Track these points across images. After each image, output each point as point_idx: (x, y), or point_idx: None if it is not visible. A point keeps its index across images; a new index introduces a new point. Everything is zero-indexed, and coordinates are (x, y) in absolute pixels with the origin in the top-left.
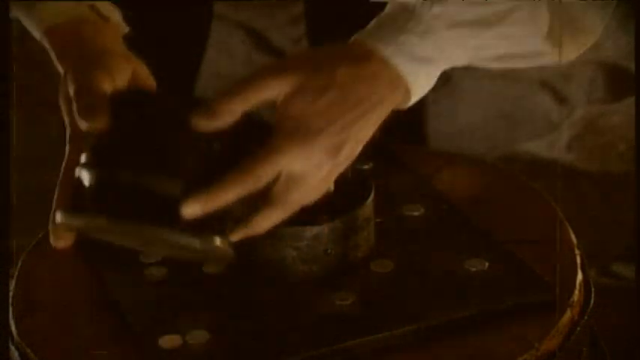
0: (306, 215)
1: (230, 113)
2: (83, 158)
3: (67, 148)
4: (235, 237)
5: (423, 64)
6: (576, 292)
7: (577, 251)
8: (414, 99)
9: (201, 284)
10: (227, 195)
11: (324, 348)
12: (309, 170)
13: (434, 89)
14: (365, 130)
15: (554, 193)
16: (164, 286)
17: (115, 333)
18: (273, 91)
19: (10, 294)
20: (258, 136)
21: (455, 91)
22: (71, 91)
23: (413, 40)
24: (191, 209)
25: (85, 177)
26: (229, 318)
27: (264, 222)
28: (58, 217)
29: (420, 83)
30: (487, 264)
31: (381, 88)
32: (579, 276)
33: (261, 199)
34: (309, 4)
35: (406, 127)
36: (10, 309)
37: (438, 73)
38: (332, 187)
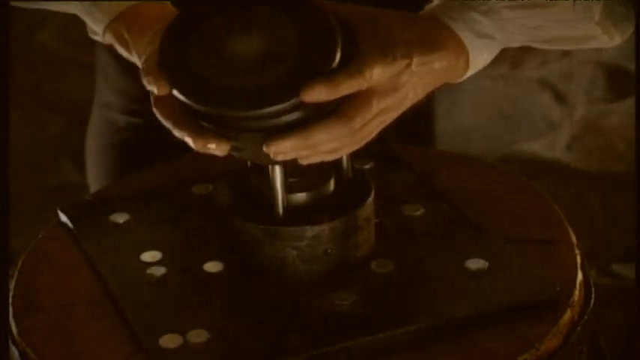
0: (306, 215)
1: None
2: None
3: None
4: (288, 137)
5: (485, 41)
6: (576, 292)
7: (577, 251)
8: (469, 73)
9: (201, 284)
10: (340, 88)
11: (324, 348)
12: (384, 88)
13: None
14: (422, 85)
15: (554, 193)
16: (164, 286)
17: (115, 333)
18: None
19: (10, 294)
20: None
21: (455, 91)
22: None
23: (477, 18)
24: (310, 93)
25: None
26: (229, 318)
27: (323, 131)
28: None
29: (478, 59)
30: (487, 264)
31: (449, 55)
32: (579, 276)
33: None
34: None
35: (414, 127)
36: (10, 309)
37: (496, 52)
38: (332, 187)
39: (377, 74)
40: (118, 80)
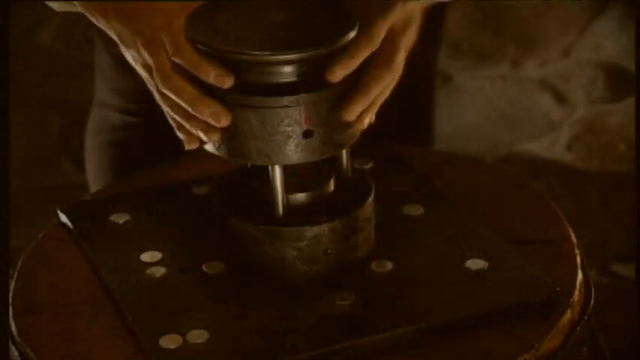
0: (306, 215)
1: None
2: None
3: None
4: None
5: None
6: (576, 292)
7: (577, 251)
8: None
9: (201, 284)
10: (357, 57)
11: (324, 348)
12: (400, 26)
13: None
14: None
15: (554, 193)
16: (164, 286)
17: (115, 333)
18: None
19: (10, 294)
20: None
21: (455, 91)
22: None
23: None
24: (333, 75)
25: None
26: (229, 318)
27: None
28: None
29: None
30: (487, 264)
31: None
32: (579, 276)
33: None
34: None
35: (414, 127)
36: (10, 309)
37: None
38: (332, 187)
39: (384, 30)
40: (117, 80)
